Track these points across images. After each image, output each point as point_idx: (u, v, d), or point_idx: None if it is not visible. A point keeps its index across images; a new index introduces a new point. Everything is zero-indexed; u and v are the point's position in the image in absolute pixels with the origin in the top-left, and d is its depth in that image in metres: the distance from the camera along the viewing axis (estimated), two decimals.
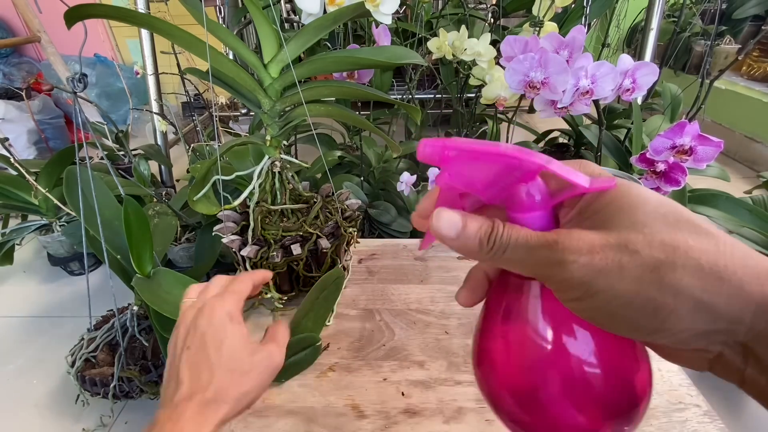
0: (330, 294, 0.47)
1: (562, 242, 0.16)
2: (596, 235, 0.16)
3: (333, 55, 0.45)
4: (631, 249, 0.15)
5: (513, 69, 0.54)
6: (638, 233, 0.16)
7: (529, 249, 0.17)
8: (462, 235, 0.18)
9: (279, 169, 0.47)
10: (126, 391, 0.69)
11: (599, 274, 0.15)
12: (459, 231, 0.18)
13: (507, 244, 0.18)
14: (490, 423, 0.37)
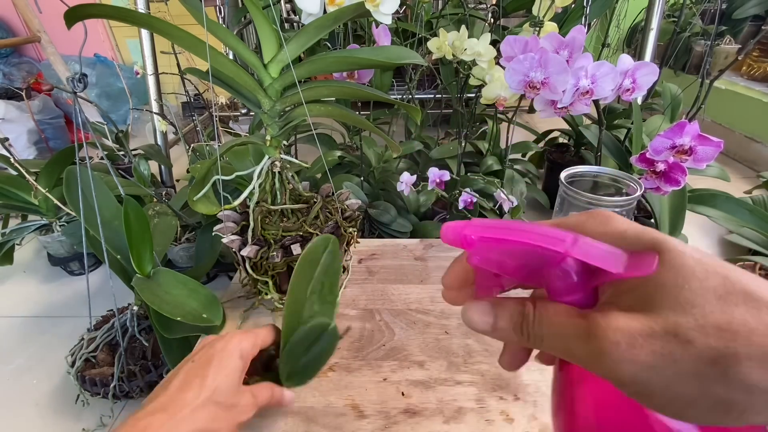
0: (329, 266, 0.40)
1: (596, 332, 0.14)
2: (637, 320, 0.14)
3: (333, 55, 0.45)
4: (681, 338, 0.13)
5: (513, 69, 0.54)
6: (687, 316, 0.13)
7: (563, 340, 0.15)
8: (496, 328, 0.17)
9: (279, 169, 0.47)
10: (126, 391, 0.69)
11: (650, 371, 0.13)
12: (492, 324, 0.17)
13: (542, 334, 0.16)
14: (489, 423, 0.37)
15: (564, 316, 0.16)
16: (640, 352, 0.13)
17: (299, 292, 0.38)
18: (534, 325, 0.16)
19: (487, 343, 0.46)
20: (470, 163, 1.14)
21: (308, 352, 0.36)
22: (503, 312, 0.17)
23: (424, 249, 0.62)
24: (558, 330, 0.16)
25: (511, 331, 0.17)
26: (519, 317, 0.17)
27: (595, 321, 0.15)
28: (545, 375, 0.42)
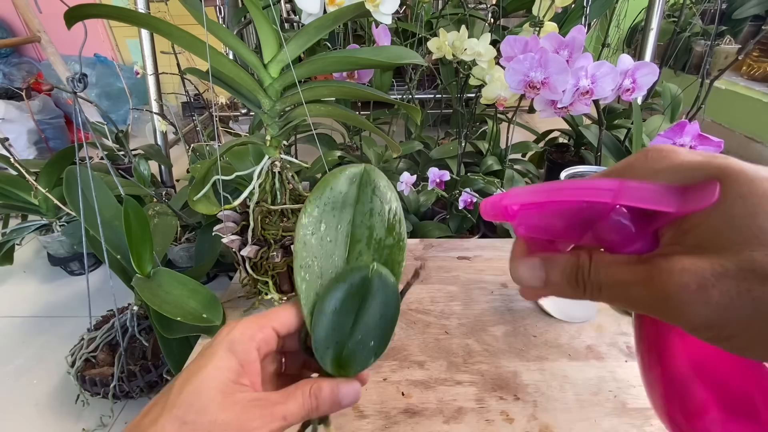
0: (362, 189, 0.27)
1: (660, 276, 0.13)
2: (705, 259, 0.12)
3: (333, 55, 0.45)
4: (759, 273, 0.12)
5: (513, 69, 0.54)
6: (763, 248, 0.12)
7: (624, 287, 0.14)
8: (548, 282, 0.16)
9: (279, 169, 0.47)
10: (126, 391, 0.69)
11: (726, 312, 0.12)
12: (543, 279, 0.16)
13: (600, 283, 0.15)
14: (489, 423, 0.37)
15: (623, 263, 0.14)
16: (713, 293, 0.12)
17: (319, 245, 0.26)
18: (591, 276, 0.15)
19: (487, 343, 0.46)
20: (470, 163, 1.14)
21: (357, 321, 0.24)
22: (555, 265, 0.16)
23: (424, 249, 0.62)
24: (617, 278, 0.14)
25: (566, 284, 0.16)
26: (573, 269, 0.16)
27: (658, 264, 0.13)
28: (545, 375, 0.42)
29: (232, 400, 0.20)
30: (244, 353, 0.21)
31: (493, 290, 0.53)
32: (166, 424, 0.19)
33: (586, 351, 0.44)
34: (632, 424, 0.37)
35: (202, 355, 0.22)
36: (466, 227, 0.91)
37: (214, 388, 0.20)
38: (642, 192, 0.13)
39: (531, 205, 0.16)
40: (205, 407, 0.19)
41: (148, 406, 0.21)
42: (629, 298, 0.14)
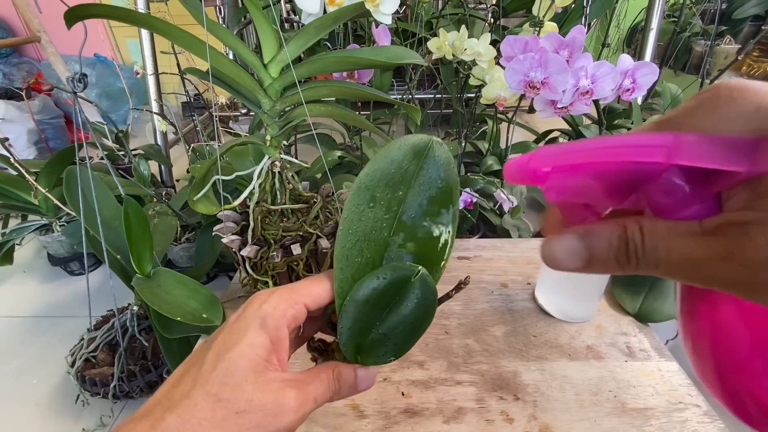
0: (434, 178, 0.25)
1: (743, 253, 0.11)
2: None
3: (333, 55, 0.45)
4: None
5: (513, 69, 0.54)
6: None
7: (692, 263, 0.12)
8: (593, 260, 0.14)
9: (279, 169, 0.47)
10: (126, 391, 0.69)
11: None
12: (585, 260, 0.14)
13: (658, 259, 0.13)
14: (489, 423, 0.37)
15: (685, 234, 0.12)
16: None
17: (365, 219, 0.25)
18: (645, 250, 0.13)
19: (487, 343, 0.46)
20: (470, 163, 1.14)
21: (386, 318, 0.23)
22: (598, 241, 0.13)
23: None
24: (683, 253, 0.12)
25: (612, 262, 0.13)
26: (621, 243, 0.13)
27: (737, 239, 0.11)
28: (545, 375, 0.42)
29: (266, 379, 0.20)
30: (275, 330, 0.21)
31: (493, 290, 0.53)
32: (200, 400, 0.19)
33: (586, 351, 0.44)
34: (632, 424, 0.37)
35: (233, 330, 0.21)
36: (466, 227, 0.91)
37: (247, 366, 0.20)
38: (703, 149, 0.11)
39: (565, 167, 0.13)
40: (239, 385, 0.19)
41: (175, 377, 0.21)
42: (698, 276, 0.12)
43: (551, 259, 0.15)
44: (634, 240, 0.13)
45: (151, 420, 0.18)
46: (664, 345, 0.45)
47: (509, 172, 0.15)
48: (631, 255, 0.13)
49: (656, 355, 0.44)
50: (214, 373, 0.19)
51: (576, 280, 0.47)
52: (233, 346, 0.20)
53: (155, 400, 0.20)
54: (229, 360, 0.20)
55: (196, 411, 0.18)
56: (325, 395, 0.22)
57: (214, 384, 0.19)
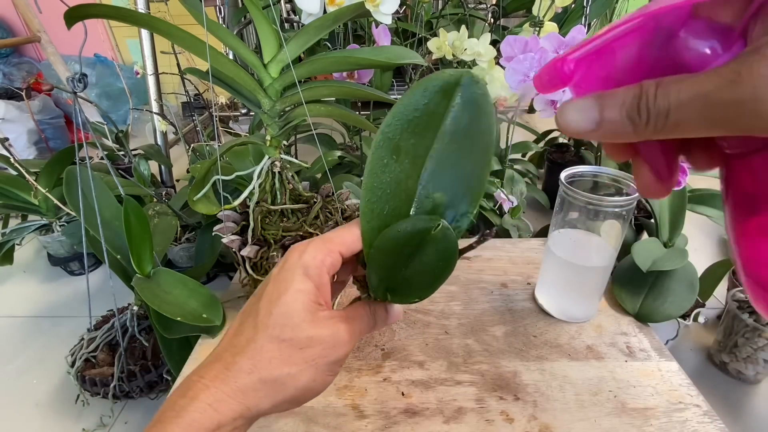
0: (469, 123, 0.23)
1: (748, 70, 0.11)
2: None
3: (333, 55, 0.45)
4: None
5: (513, 69, 0.54)
6: None
7: (702, 98, 0.11)
8: (603, 120, 0.13)
9: (279, 169, 0.47)
10: (126, 391, 0.69)
11: None
12: (598, 118, 0.13)
13: (668, 104, 0.12)
14: (489, 423, 0.37)
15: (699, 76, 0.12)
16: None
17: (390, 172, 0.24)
18: (657, 100, 0.12)
19: (487, 343, 0.46)
20: None
21: (408, 266, 0.24)
22: (612, 101, 0.13)
23: None
24: (690, 90, 0.12)
25: (624, 119, 0.13)
26: (635, 98, 0.13)
27: (746, 60, 0.11)
28: (545, 375, 0.42)
29: (319, 317, 0.22)
30: (317, 277, 0.23)
31: (493, 290, 0.53)
32: (265, 342, 0.21)
33: (586, 351, 0.44)
34: (632, 424, 0.37)
35: (279, 280, 0.23)
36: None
37: (301, 309, 0.22)
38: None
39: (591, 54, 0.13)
40: (298, 326, 0.21)
41: (234, 328, 0.23)
42: (708, 113, 0.12)
43: (564, 121, 0.14)
44: (647, 92, 0.13)
45: (224, 363, 0.21)
46: (664, 345, 0.45)
47: (540, 79, 0.15)
48: (642, 108, 0.13)
49: (656, 355, 0.44)
50: (271, 318, 0.22)
51: (576, 280, 0.47)
52: (284, 293, 0.22)
53: (222, 348, 0.22)
54: (283, 304, 0.22)
55: (264, 352, 0.21)
56: (365, 329, 0.25)
57: (275, 327, 0.21)
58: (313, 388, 0.22)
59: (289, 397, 0.22)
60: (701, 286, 0.55)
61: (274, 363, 0.21)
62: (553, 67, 0.14)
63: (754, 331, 0.68)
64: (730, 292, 0.74)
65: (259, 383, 0.21)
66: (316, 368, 0.22)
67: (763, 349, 0.68)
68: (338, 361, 0.23)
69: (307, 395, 0.22)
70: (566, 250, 0.45)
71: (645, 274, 0.51)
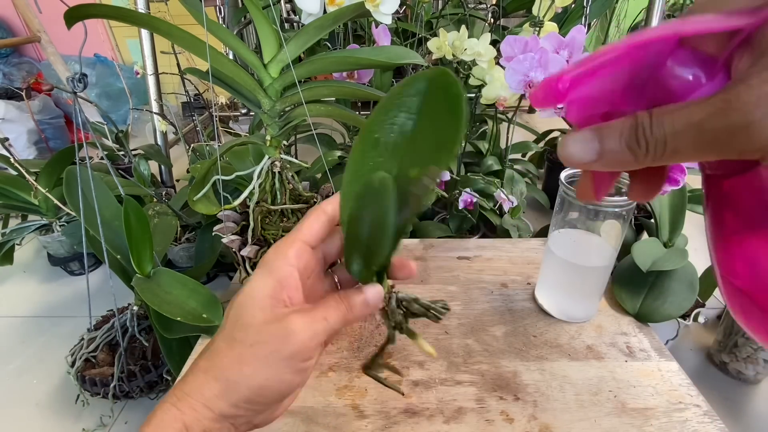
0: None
1: (738, 98, 0.12)
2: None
3: (333, 55, 0.45)
4: None
5: (513, 69, 0.54)
6: None
7: (695, 127, 0.12)
8: (604, 151, 0.14)
9: (279, 169, 0.47)
10: (126, 391, 0.69)
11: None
12: (598, 149, 0.14)
13: (664, 134, 0.13)
14: (489, 423, 0.37)
15: (689, 105, 0.13)
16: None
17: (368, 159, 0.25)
18: (653, 129, 0.13)
19: (487, 343, 0.46)
20: (470, 163, 1.14)
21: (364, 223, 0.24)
22: (610, 132, 0.14)
23: (424, 249, 0.62)
24: (684, 120, 0.13)
25: (624, 149, 0.14)
26: (632, 129, 0.14)
27: (734, 89, 0.12)
28: (545, 375, 0.42)
29: (272, 313, 0.22)
30: (278, 270, 0.23)
31: (493, 290, 0.53)
32: (220, 343, 0.22)
33: (586, 351, 0.44)
34: (632, 424, 0.37)
35: (245, 285, 0.24)
36: (466, 227, 0.91)
37: (253, 306, 0.22)
38: (705, 18, 0.12)
39: (583, 74, 0.14)
40: (248, 324, 0.22)
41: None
42: (702, 141, 0.12)
43: (566, 153, 0.15)
44: (643, 123, 0.13)
45: (192, 366, 0.23)
46: (664, 345, 0.45)
47: (535, 96, 0.16)
48: (640, 138, 0.13)
49: (656, 355, 0.44)
50: (227, 320, 0.23)
51: (576, 280, 0.47)
52: (241, 294, 0.23)
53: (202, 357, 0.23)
54: (237, 306, 0.23)
55: (219, 352, 0.22)
56: (335, 314, 0.23)
57: (229, 329, 0.22)
58: (270, 386, 0.21)
59: (244, 398, 0.21)
60: (701, 286, 0.55)
61: (226, 362, 0.21)
62: (548, 85, 0.15)
63: None
64: None
65: (213, 382, 0.21)
66: (269, 365, 0.21)
67: (763, 349, 0.68)
68: (295, 356, 0.21)
69: (268, 396, 0.22)
70: (566, 250, 0.45)
71: (645, 274, 0.51)
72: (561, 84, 0.15)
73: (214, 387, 0.21)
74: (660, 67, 0.14)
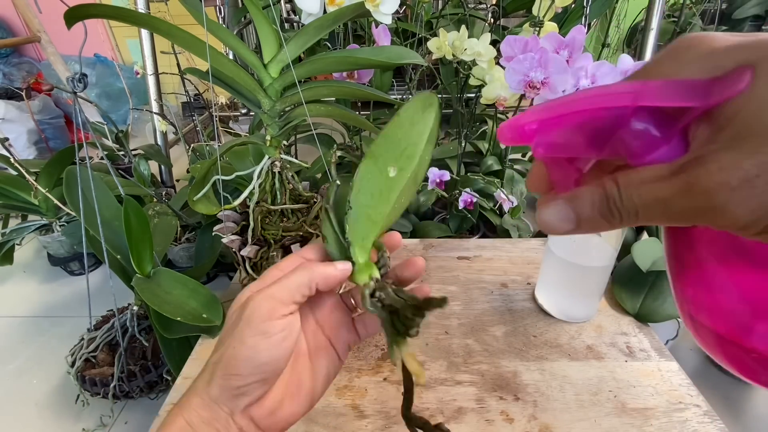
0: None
1: (699, 182, 0.12)
2: (745, 152, 0.12)
3: (333, 55, 0.45)
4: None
5: (513, 69, 0.54)
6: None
7: (663, 203, 0.13)
8: (581, 221, 0.15)
9: (279, 169, 0.47)
10: (126, 391, 0.69)
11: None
12: (575, 219, 0.15)
13: (635, 206, 0.14)
14: (489, 423, 0.37)
15: (653, 178, 0.14)
16: (757, 184, 0.11)
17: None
18: (624, 202, 0.14)
19: (487, 343, 0.46)
20: (470, 163, 1.14)
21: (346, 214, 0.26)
22: (582, 203, 0.15)
23: (424, 249, 0.62)
24: (653, 196, 0.13)
25: (599, 218, 0.15)
26: (602, 200, 0.15)
27: (693, 170, 0.12)
28: (545, 375, 0.42)
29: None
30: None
31: (493, 290, 0.53)
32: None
33: (586, 351, 0.44)
34: (632, 424, 0.37)
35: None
36: (466, 227, 0.91)
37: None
38: (663, 90, 0.13)
39: (549, 121, 0.15)
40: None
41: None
42: (670, 215, 0.14)
43: (546, 225, 0.16)
44: (612, 195, 0.14)
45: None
46: (664, 345, 0.45)
47: (502, 132, 0.17)
48: (612, 209, 0.15)
49: (656, 355, 0.44)
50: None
51: (576, 280, 0.47)
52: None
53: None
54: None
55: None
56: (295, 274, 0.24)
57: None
58: (237, 355, 0.22)
59: (221, 373, 0.22)
60: None
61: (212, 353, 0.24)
62: (516, 125, 0.16)
63: None
64: None
65: (203, 373, 0.23)
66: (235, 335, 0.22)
67: None
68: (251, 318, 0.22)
69: (239, 365, 0.22)
70: (566, 250, 0.45)
71: (645, 274, 0.50)
72: (528, 126, 0.16)
73: (203, 377, 0.23)
74: (622, 125, 0.14)
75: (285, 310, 0.23)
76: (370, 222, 0.25)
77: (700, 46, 0.14)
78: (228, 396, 0.22)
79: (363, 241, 0.25)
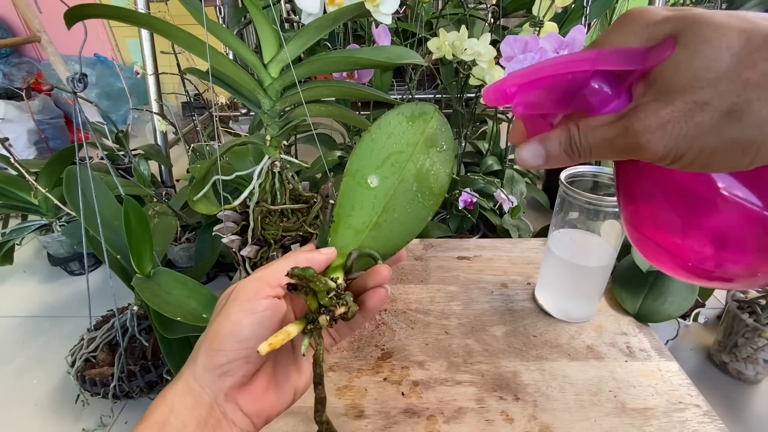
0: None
1: (632, 126, 0.16)
2: (663, 105, 0.16)
3: (333, 55, 0.45)
4: (700, 104, 0.15)
5: (513, 69, 0.54)
6: (704, 88, 0.15)
7: (608, 142, 0.17)
8: (549, 156, 0.19)
9: (279, 169, 0.47)
10: (126, 391, 0.69)
11: (678, 140, 0.15)
12: (545, 155, 0.20)
13: (589, 145, 0.18)
14: (489, 423, 0.37)
15: (605, 124, 0.18)
16: (669, 130, 0.15)
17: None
18: (581, 142, 0.18)
19: (487, 343, 0.46)
20: (470, 163, 1.14)
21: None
22: (551, 142, 0.19)
23: (424, 249, 0.62)
24: (601, 137, 0.18)
25: (563, 155, 0.19)
26: (566, 140, 0.19)
27: (629, 118, 0.17)
28: (545, 375, 0.42)
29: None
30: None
31: (493, 290, 0.53)
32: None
33: (586, 351, 0.44)
34: (632, 424, 0.37)
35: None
36: (466, 227, 0.91)
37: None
38: (613, 57, 0.17)
39: (526, 84, 0.19)
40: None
41: None
42: (613, 151, 0.18)
43: (521, 160, 0.20)
44: (574, 136, 0.18)
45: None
46: (664, 345, 0.45)
47: (488, 94, 0.20)
48: (573, 147, 0.19)
49: (656, 355, 0.44)
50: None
51: (576, 280, 0.47)
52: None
53: None
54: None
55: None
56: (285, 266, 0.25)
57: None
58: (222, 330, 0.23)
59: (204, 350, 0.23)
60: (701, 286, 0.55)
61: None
62: (499, 87, 0.19)
63: (754, 331, 0.68)
64: (730, 292, 0.74)
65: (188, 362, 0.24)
66: (221, 314, 0.23)
67: (763, 349, 0.68)
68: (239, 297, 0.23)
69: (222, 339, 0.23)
70: (566, 250, 0.45)
71: (645, 274, 0.51)
72: (509, 89, 0.19)
73: (189, 359, 0.24)
74: (583, 86, 0.18)
75: (271, 291, 0.24)
76: (352, 231, 0.28)
77: (640, 19, 0.17)
78: (212, 377, 0.23)
79: (341, 249, 0.27)
